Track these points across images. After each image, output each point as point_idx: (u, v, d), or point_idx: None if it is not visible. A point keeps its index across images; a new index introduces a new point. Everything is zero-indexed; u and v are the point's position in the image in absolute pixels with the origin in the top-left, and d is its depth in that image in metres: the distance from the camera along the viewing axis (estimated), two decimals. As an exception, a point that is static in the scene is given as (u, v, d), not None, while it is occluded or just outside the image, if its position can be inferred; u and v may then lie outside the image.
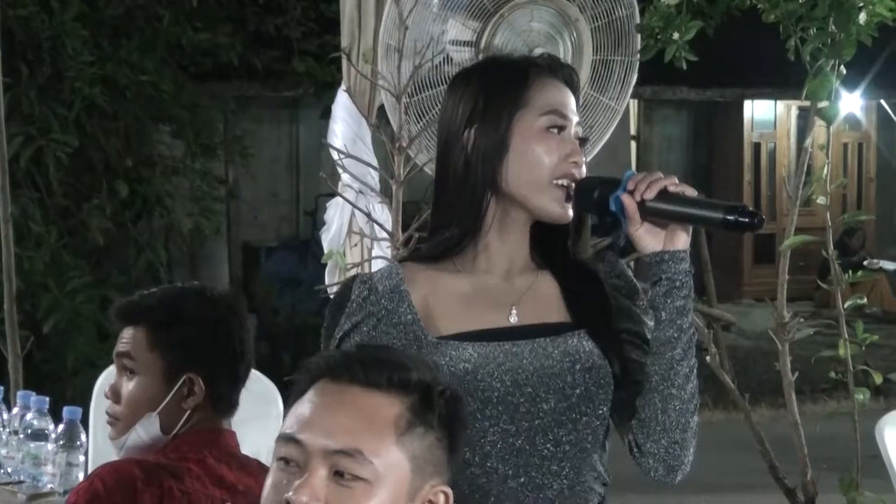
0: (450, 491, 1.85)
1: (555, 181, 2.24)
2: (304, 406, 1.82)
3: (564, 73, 2.33)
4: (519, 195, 2.25)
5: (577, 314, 2.27)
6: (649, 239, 2.20)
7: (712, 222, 2.16)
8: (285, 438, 1.80)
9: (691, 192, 2.18)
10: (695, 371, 2.21)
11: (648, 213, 2.18)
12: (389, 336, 2.23)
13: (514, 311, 2.25)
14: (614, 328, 2.26)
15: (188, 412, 2.54)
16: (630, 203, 2.18)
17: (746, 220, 2.11)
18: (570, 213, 2.25)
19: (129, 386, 2.58)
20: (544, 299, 2.27)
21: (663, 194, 2.17)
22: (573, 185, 2.24)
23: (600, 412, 2.24)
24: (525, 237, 2.29)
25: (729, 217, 2.11)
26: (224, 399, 2.58)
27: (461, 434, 1.88)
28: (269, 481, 1.81)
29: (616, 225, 2.23)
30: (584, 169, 2.26)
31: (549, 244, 2.31)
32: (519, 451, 2.20)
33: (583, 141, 2.29)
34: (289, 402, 1.86)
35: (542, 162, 2.24)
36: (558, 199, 2.24)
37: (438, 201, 2.31)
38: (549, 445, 2.21)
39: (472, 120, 2.27)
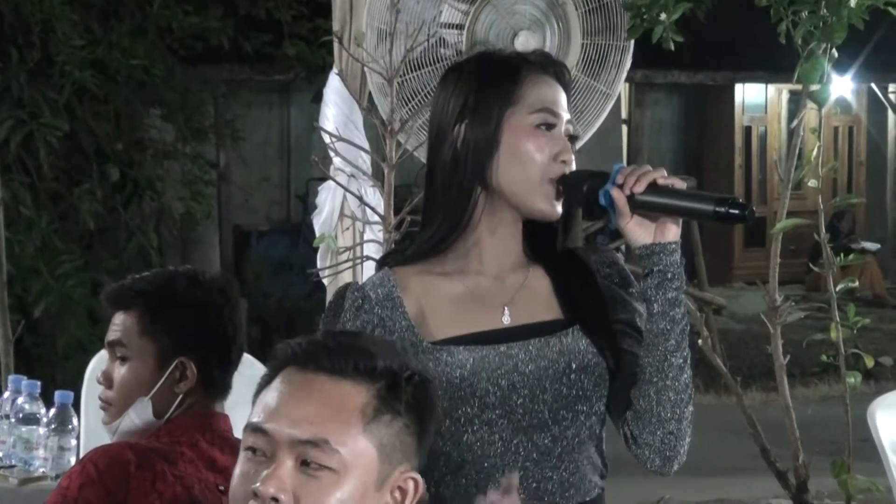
0: (419, 477, 1.84)
1: (545, 179, 2.23)
2: (270, 395, 1.80)
3: (556, 70, 2.32)
4: (508, 192, 2.24)
5: (570, 310, 2.26)
6: (639, 231, 2.18)
7: (703, 214, 2.15)
8: (252, 428, 1.79)
9: (680, 184, 2.18)
10: (689, 361, 2.21)
11: (638, 207, 2.17)
12: None
13: (506, 312, 2.25)
14: (608, 320, 2.25)
15: (181, 396, 2.54)
16: (619, 197, 2.17)
17: (737, 211, 2.10)
18: (559, 210, 2.25)
19: (121, 371, 2.57)
20: (537, 296, 2.26)
21: (653, 187, 2.16)
22: (563, 182, 2.24)
23: (596, 408, 2.25)
24: (516, 234, 2.28)
25: (719, 209, 2.10)
26: (216, 383, 2.58)
27: (430, 419, 1.86)
28: (237, 471, 1.81)
29: (605, 214, 2.23)
30: (573, 167, 2.25)
31: (540, 239, 2.30)
32: (516, 448, 2.20)
33: (573, 138, 2.29)
34: (257, 389, 1.85)
35: (533, 160, 2.23)
36: (548, 197, 2.23)
37: (428, 195, 2.30)
38: (546, 442, 2.21)
39: (462, 115, 2.26)
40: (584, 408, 2.22)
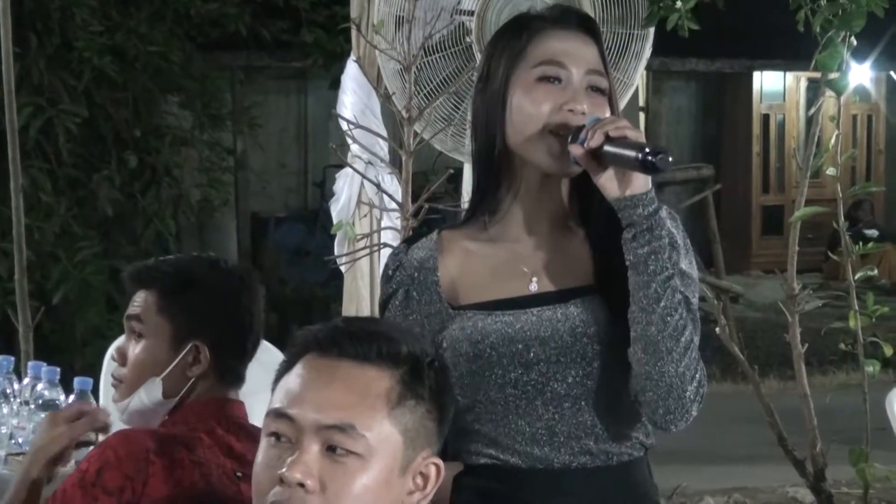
0: (441, 462, 1.85)
1: (549, 131, 2.20)
2: (293, 381, 1.81)
3: (575, 21, 2.28)
4: (518, 150, 2.23)
5: (601, 277, 2.24)
6: (609, 185, 2.16)
7: (631, 162, 2.13)
8: (276, 414, 1.79)
9: (634, 133, 2.14)
10: (675, 314, 2.15)
11: (598, 160, 2.15)
12: (418, 304, 2.25)
13: (534, 280, 2.24)
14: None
15: (192, 380, 2.55)
16: (579, 152, 2.15)
17: (651, 158, 2.09)
18: (568, 165, 2.20)
19: (136, 349, 2.58)
20: (570, 261, 2.25)
21: (608, 140, 2.13)
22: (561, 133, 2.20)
23: (618, 375, 2.21)
24: (547, 196, 2.26)
25: (638, 156, 2.10)
26: (230, 371, 2.58)
27: (450, 404, 1.88)
28: (259, 457, 1.81)
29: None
30: (587, 116, 2.19)
31: (584, 202, 2.27)
32: (537, 413, 2.20)
33: (597, 90, 2.24)
34: (276, 376, 1.85)
35: (533, 112, 2.21)
36: (551, 150, 2.20)
37: (473, 167, 2.32)
38: (566, 406, 2.20)
39: (479, 81, 2.28)
40: (605, 378, 2.20)
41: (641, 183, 2.15)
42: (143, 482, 2.38)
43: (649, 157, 2.09)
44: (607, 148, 2.13)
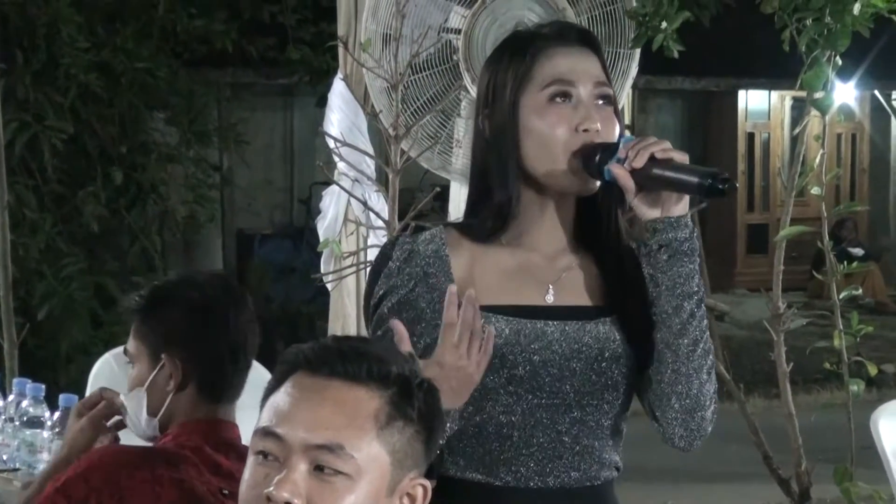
0: (428, 483, 1.84)
1: (568, 153, 2.19)
2: (282, 399, 1.80)
3: (575, 36, 2.28)
4: (538, 174, 2.22)
5: (612, 299, 2.24)
6: (646, 206, 2.17)
7: (690, 187, 2.14)
8: (264, 432, 1.78)
9: (681, 156, 2.16)
10: (704, 335, 2.18)
11: (639, 181, 2.15)
12: (424, 300, 2.21)
13: (550, 291, 2.24)
14: (648, 313, 2.22)
15: (171, 394, 2.55)
16: (621, 172, 2.15)
17: (720, 186, 2.10)
18: (593, 184, 2.20)
19: (129, 376, 2.63)
20: (583, 281, 2.24)
21: (652, 161, 2.14)
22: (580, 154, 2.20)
23: (622, 400, 2.24)
24: (565, 217, 2.25)
25: (703, 181, 2.11)
26: (210, 384, 2.57)
27: (439, 427, 1.87)
28: (246, 475, 1.80)
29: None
30: (602, 132, 2.20)
31: (591, 224, 2.27)
32: (535, 424, 2.20)
33: (606, 99, 2.23)
34: (264, 394, 1.84)
35: (549, 135, 2.20)
36: (574, 172, 2.20)
37: (471, 185, 2.30)
38: (566, 423, 2.20)
39: (484, 105, 2.26)
40: (610, 397, 2.22)
41: (680, 206, 2.17)
42: (112, 495, 2.38)
43: (718, 185, 2.10)
44: (657, 171, 2.14)
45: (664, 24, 4.47)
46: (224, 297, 2.61)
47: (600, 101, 2.23)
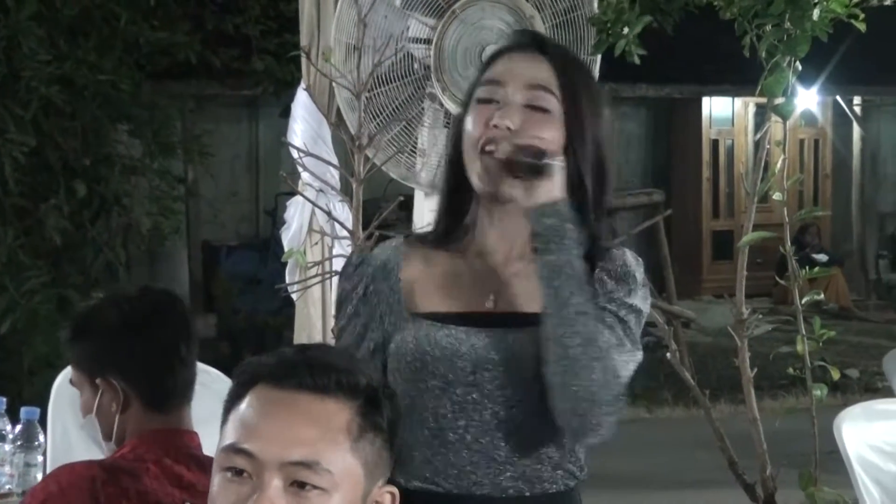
0: (395, 490, 1.84)
1: (477, 152, 2.22)
2: (247, 414, 1.76)
3: (529, 42, 2.31)
4: (469, 176, 2.25)
5: None
6: (517, 194, 2.20)
7: (523, 167, 2.19)
8: (234, 449, 1.75)
9: (541, 142, 2.20)
10: (591, 331, 2.14)
11: (508, 170, 2.19)
12: (372, 305, 2.26)
13: (491, 298, 2.25)
14: None
15: (118, 415, 2.54)
16: (487, 162, 2.21)
17: (531, 160, 2.16)
18: (500, 185, 2.21)
19: (79, 403, 2.62)
20: (530, 288, 2.23)
21: (517, 150, 2.18)
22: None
23: None
24: (514, 223, 2.25)
25: (524, 159, 2.17)
26: (152, 397, 2.55)
27: (400, 430, 1.86)
28: (215, 491, 1.77)
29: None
30: (518, 133, 2.20)
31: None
32: (477, 427, 2.20)
33: (538, 109, 2.23)
34: (225, 407, 1.81)
35: (470, 135, 2.24)
36: (477, 171, 2.23)
37: (440, 188, 2.37)
38: (506, 428, 2.20)
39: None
40: (544, 404, 2.19)
41: (543, 193, 2.17)
42: None
43: (539, 163, 2.15)
44: (518, 158, 2.18)
45: (626, 30, 4.49)
46: (145, 309, 2.59)
47: (529, 106, 2.22)
